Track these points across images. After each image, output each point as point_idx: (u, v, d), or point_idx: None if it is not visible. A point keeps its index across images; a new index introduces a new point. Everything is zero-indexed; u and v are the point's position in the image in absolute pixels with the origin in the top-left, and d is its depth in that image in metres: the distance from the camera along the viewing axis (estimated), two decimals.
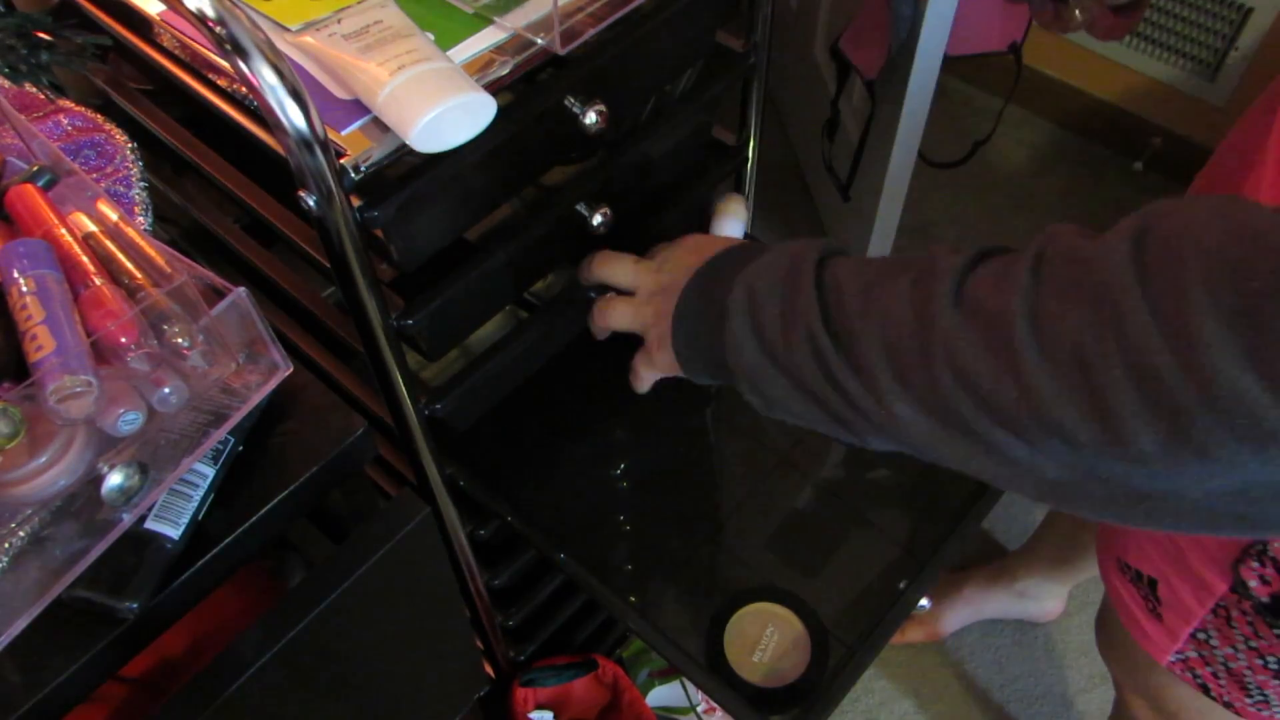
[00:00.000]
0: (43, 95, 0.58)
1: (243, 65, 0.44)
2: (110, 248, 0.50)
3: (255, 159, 0.57)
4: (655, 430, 0.82)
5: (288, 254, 0.67)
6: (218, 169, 0.67)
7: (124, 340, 0.44)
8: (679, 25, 0.65)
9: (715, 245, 0.58)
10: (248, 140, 0.56)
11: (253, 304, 0.50)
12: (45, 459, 0.43)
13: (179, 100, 0.68)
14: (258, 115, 0.52)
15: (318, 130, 0.46)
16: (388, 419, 0.68)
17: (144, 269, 0.49)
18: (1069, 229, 0.40)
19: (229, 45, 0.43)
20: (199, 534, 0.53)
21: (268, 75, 0.44)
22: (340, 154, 0.50)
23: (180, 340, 0.46)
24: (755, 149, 0.83)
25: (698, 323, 0.55)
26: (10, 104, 0.62)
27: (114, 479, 0.47)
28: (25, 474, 0.43)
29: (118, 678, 0.66)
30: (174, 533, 0.51)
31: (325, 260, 0.56)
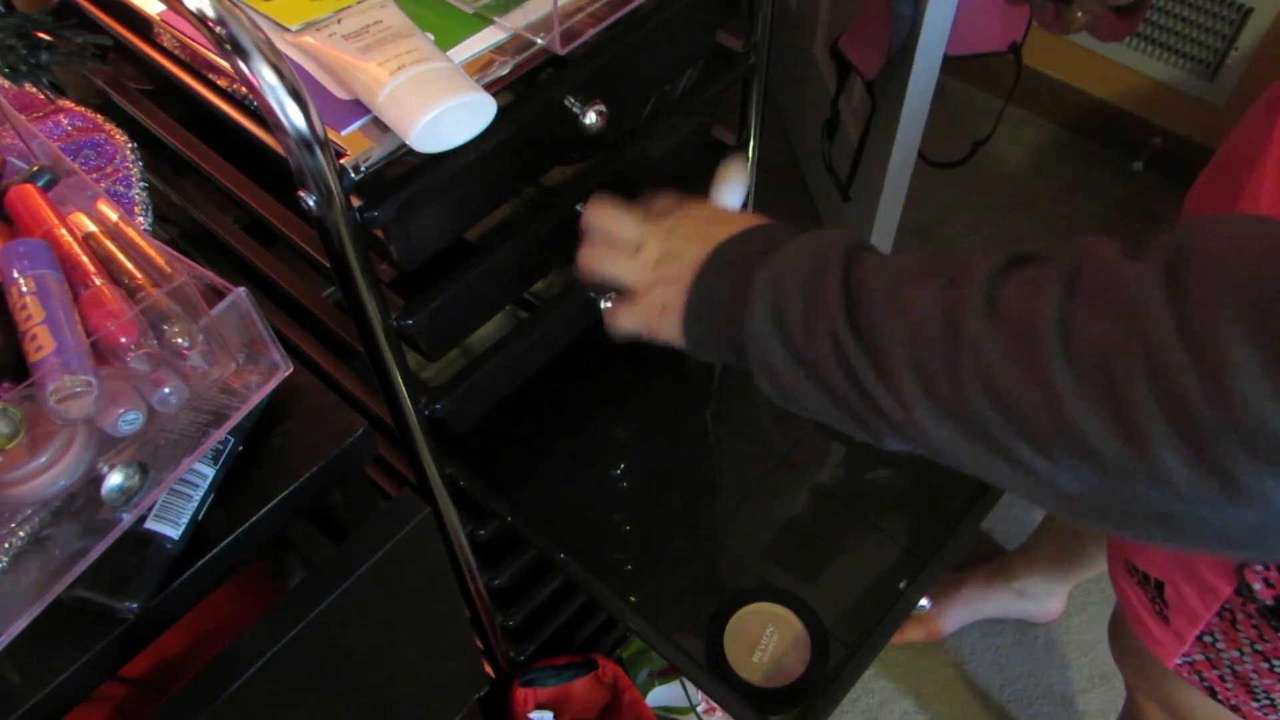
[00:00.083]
0: (43, 95, 0.58)
1: (243, 65, 0.44)
2: (110, 248, 0.50)
3: (255, 159, 0.57)
4: (655, 430, 0.82)
5: (288, 254, 0.67)
6: (218, 169, 0.67)
7: (124, 340, 0.44)
8: (679, 25, 0.65)
9: (728, 221, 0.57)
10: (248, 140, 0.56)
11: (253, 304, 0.50)
12: (45, 459, 0.43)
13: (179, 100, 0.68)
14: (258, 115, 0.53)
15: (318, 130, 0.46)
16: (388, 419, 0.68)
17: (144, 269, 0.49)
18: (1103, 241, 0.40)
19: (229, 45, 0.43)
20: (199, 534, 0.53)
21: (268, 75, 0.44)
22: (340, 154, 0.51)
23: (180, 340, 0.46)
24: (755, 149, 0.83)
25: (714, 305, 0.55)
26: (10, 104, 0.62)
27: (114, 479, 0.47)
28: (25, 474, 0.43)
29: (118, 678, 0.66)
30: (174, 533, 0.51)
31: (325, 260, 0.56)
